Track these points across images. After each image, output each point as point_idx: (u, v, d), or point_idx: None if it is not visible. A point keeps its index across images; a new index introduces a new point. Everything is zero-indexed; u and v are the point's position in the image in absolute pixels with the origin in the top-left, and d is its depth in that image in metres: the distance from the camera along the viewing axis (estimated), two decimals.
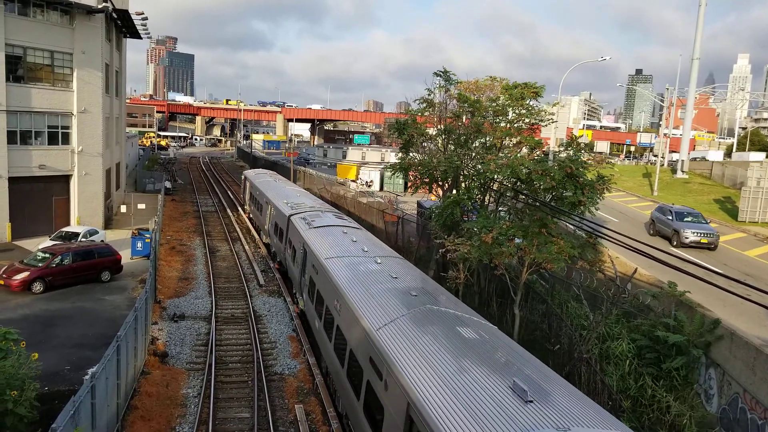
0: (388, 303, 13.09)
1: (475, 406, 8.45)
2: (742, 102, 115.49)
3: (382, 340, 11.24)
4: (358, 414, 12.25)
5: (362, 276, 15.59)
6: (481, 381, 9.21)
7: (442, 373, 9.55)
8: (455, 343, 10.75)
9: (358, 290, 14.42)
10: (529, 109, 22.66)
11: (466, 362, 10.00)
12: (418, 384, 9.40)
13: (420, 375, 9.64)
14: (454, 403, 8.64)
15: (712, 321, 14.65)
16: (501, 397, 8.65)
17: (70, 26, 33.44)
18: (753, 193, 36.05)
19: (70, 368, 17.11)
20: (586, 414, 8.55)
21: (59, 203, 34.60)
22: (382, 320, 12.13)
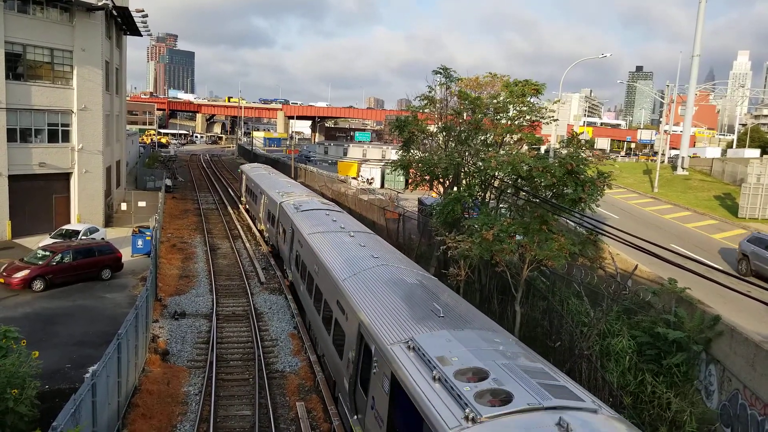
0: (354, 263, 16.67)
1: (400, 319, 12.04)
2: (742, 99, 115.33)
3: (346, 287, 14.84)
4: (329, 346, 15.88)
5: (337, 245, 19.10)
6: (409, 307, 12.84)
7: (383, 303, 13.17)
8: (398, 287, 14.40)
9: (332, 255, 18.00)
10: (529, 106, 22.63)
11: (402, 297, 13.59)
12: (366, 310, 12.95)
13: (368, 306, 13.19)
14: (387, 319, 12.17)
15: (712, 317, 14.66)
16: (420, 315, 12.25)
17: (70, 23, 33.40)
18: (753, 190, 36.02)
19: (71, 366, 17.14)
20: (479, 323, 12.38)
21: (59, 201, 34.60)
22: (348, 274, 15.75)
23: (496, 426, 7.81)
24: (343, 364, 13.89)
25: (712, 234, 31.86)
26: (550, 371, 9.92)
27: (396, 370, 10.24)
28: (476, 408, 8.12)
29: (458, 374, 9.21)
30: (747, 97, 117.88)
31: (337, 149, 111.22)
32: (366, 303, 13.35)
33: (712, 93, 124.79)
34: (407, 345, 10.70)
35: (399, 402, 10.03)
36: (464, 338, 10.85)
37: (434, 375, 9.32)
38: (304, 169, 67.07)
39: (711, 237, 31.11)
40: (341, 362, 14.18)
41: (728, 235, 31.68)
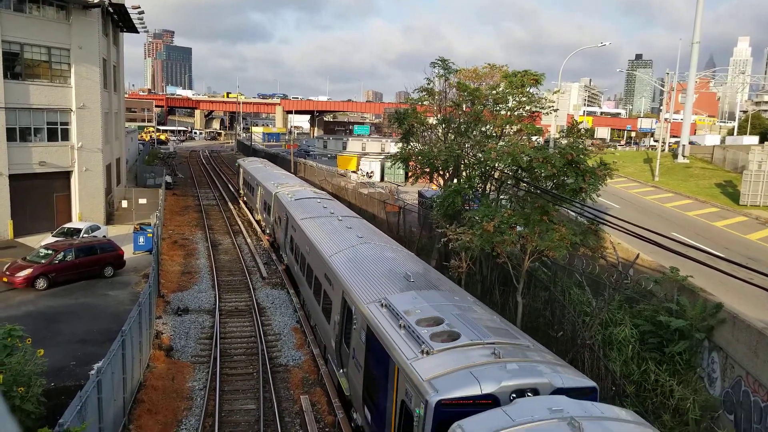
0: (340, 241, 18.73)
1: (376, 285, 14.09)
2: (742, 85, 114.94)
3: (332, 261, 16.94)
4: (319, 315, 17.96)
5: (326, 228, 21.10)
6: (385, 275, 14.91)
7: (363, 273, 15.25)
8: (377, 260, 16.56)
9: (321, 236, 20.01)
10: (529, 96, 22.56)
11: (381, 268, 15.63)
12: (349, 279, 15.05)
13: (351, 275, 15.31)
14: (365, 285, 14.25)
15: (714, 305, 14.67)
16: (394, 281, 14.31)
17: (67, 22, 33.30)
18: (754, 177, 35.97)
19: (76, 364, 17.21)
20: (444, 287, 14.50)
21: (60, 200, 34.62)
22: (335, 251, 17.83)
23: (444, 356, 9.94)
24: (331, 328, 16.00)
25: (713, 222, 31.86)
26: (497, 319, 12.37)
27: (370, 322, 12.31)
28: (430, 344, 10.27)
29: (419, 322, 11.31)
30: (747, 83, 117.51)
31: (336, 143, 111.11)
32: (349, 273, 15.51)
33: (713, 80, 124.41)
34: (380, 303, 12.80)
35: (372, 348, 12.12)
36: (428, 296, 13.03)
37: (400, 323, 11.44)
38: (303, 164, 67.00)
39: (712, 225, 31.11)
40: (329, 326, 16.32)
41: (730, 222, 31.68)
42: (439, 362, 9.76)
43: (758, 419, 12.40)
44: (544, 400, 8.63)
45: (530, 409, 8.14)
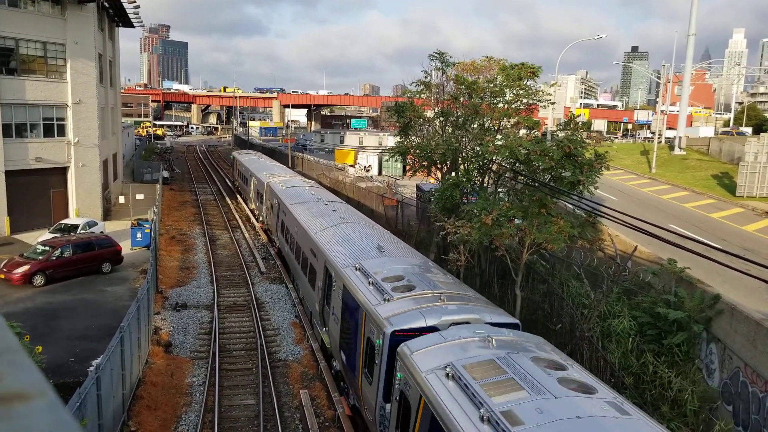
0: (324, 221, 21.30)
1: (353, 254, 16.62)
2: (738, 77, 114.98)
3: (317, 237, 19.58)
4: (306, 285, 20.62)
5: (313, 210, 23.70)
6: (363, 246, 17.53)
7: (342, 245, 17.81)
8: (355, 236, 18.98)
9: (308, 217, 22.54)
10: (526, 89, 22.50)
11: (359, 242, 18.07)
12: (330, 250, 17.66)
13: (332, 247, 17.92)
14: (344, 254, 16.87)
15: (712, 296, 14.71)
16: (368, 251, 16.89)
17: (62, 17, 33.10)
18: (750, 168, 36.00)
19: (75, 360, 17.21)
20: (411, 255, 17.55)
21: (57, 196, 34.51)
22: (320, 228, 20.38)
23: (400, 302, 12.70)
24: (316, 294, 18.69)
25: (710, 213, 31.90)
26: (450, 278, 15.46)
27: (346, 282, 14.97)
28: (391, 294, 13.07)
29: (385, 279, 14.08)
30: (743, 75, 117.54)
31: (333, 137, 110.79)
32: (330, 246, 18.13)
33: (708, 72, 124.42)
34: (355, 267, 15.40)
35: (347, 302, 14.77)
36: (395, 261, 15.92)
37: (369, 281, 14.18)
38: (300, 158, 66.86)
39: (709, 216, 31.15)
40: (314, 293, 18.94)
41: (726, 213, 31.73)
42: (396, 306, 12.49)
43: (756, 410, 12.46)
44: (471, 327, 11.33)
45: (459, 333, 11.05)
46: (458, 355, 10.10)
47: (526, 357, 9.98)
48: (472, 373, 9.43)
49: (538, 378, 9.13)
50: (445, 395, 9.12)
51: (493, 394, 8.77)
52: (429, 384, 9.59)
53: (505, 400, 8.57)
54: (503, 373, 9.37)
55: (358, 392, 13.50)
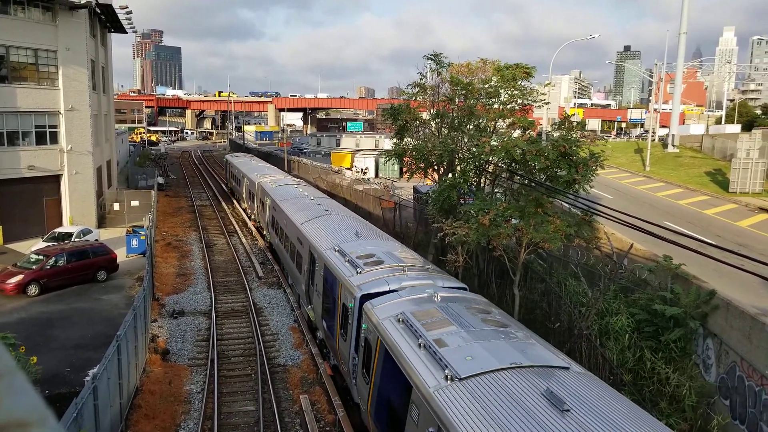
0: (310, 214, 23.44)
1: (333, 239, 18.82)
2: (729, 75, 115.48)
3: (303, 227, 21.72)
4: (293, 270, 22.97)
5: (301, 206, 25.73)
6: (342, 232, 19.78)
7: (325, 232, 20.10)
8: (336, 224, 21.35)
9: (296, 211, 24.72)
10: (521, 90, 22.55)
11: (339, 230, 20.31)
12: (314, 236, 19.98)
13: (315, 234, 20.21)
14: (325, 239, 19.08)
15: (707, 292, 14.75)
16: (346, 236, 19.17)
17: (53, 23, 32.98)
18: (743, 165, 36.14)
19: (71, 370, 17.09)
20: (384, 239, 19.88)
21: (50, 204, 34.32)
22: (306, 219, 22.61)
23: (370, 273, 14.93)
24: (302, 276, 20.92)
25: (704, 210, 32.01)
26: (416, 254, 18.29)
27: (326, 261, 17.23)
28: (362, 267, 15.30)
29: (359, 257, 16.17)
30: (734, 72, 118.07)
31: (329, 140, 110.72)
32: (314, 233, 20.42)
33: (700, 70, 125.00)
34: (334, 249, 17.63)
35: (327, 277, 17.12)
36: (369, 244, 18.07)
37: (345, 258, 16.34)
38: (297, 162, 66.78)
39: (703, 213, 31.26)
40: (301, 276, 21.16)
41: (720, 210, 31.85)
42: (366, 276, 14.80)
43: (753, 403, 12.49)
44: (423, 287, 13.78)
45: (412, 292, 13.46)
46: (408, 307, 12.54)
47: (461, 306, 12.49)
48: (417, 317, 11.89)
49: (467, 318, 11.71)
50: (395, 333, 11.62)
51: (430, 329, 11.23)
52: (384, 327, 12.05)
53: (437, 332, 11.05)
54: (440, 316, 11.92)
55: (336, 350, 15.92)
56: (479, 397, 8.79)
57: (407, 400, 10.23)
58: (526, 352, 10.19)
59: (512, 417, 8.16)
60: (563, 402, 8.33)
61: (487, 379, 9.22)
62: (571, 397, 8.66)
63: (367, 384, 12.77)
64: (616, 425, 7.90)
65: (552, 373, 9.53)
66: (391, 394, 11.46)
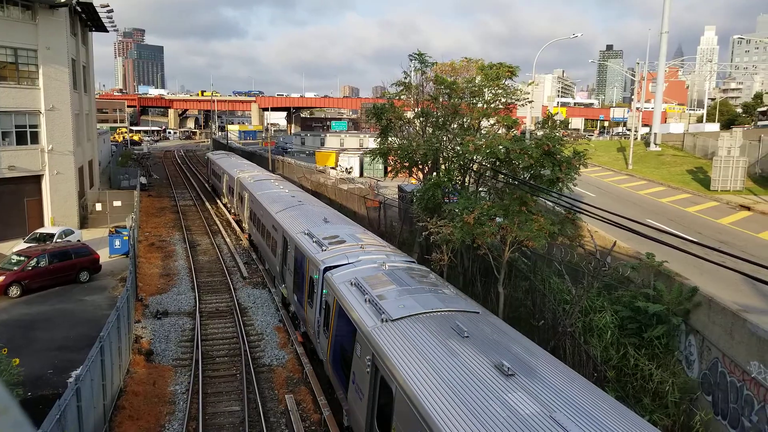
0: (284, 204, 25.96)
1: (304, 224, 21.12)
2: (710, 74, 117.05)
3: (277, 216, 24.09)
4: (269, 255, 25.27)
5: (276, 198, 28.19)
6: (312, 219, 22.15)
7: (297, 218, 22.56)
8: (307, 212, 23.89)
9: (272, 202, 27.06)
10: (504, 88, 22.66)
11: (310, 217, 22.78)
12: (286, 222, 22.49)
13: (287, 220, 22.72)
14: (296, 224, 21.52)
15: (690, 289, 14.94)
16: (315, 221, 21.56)
17: (33, 22, 32.52)
18: (724, 163, 36.65)
19: (53, 372, 16.89)
20: (348, 223, 22.66)
21: (32, 204, 33.87)
22: (280, 209, 25.08)
23: (332, 250, 17.07)
24: (276, 259, 23.25)
25: (686, 207, 32.43)
26: (374, 237, 20.10)
27: (296, 242, 19.59)
28: (327, 245, 17.53)
29: (324, 238, 18.46)
30: (714, 71, 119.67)
31: (314, 139, 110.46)
32: (287, 220, 22.80)
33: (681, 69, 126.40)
34: (304, 232, 19.99)
35: (296, 257, 19.53)
36: (335, 227, 20.43)
37: (313, 239, 18.64)
38: (281, 161, 66.51)
39: (685, 210, 31.66)
40: (275, 258, 23.47)
41: (702, 208, 32.28)
42: (329, 253, 16.92)
43: (735, 399, 12.68)
44: (376, 260, 15.91)
45: (365, 263, 15.67)
46: (360, 274, 14.76)
47: (404, 273, 14.81)
48: (366, 280, 14.13)
49: (406, 280, 14.02)
50: (348, 293, 13.83)
51: (374, 288, 13.50)
52: (340, 289, 14.24)
53: (380, 290, 13.36)
54: (385, 279, 14.19)
55: (305, 318, 18.02)
56: (404, 332, 11.19)
57: (354, 340, 12.58)
58: (446, 302, 12.70)
59: (426, 342, 10.61)
60: (465, 331, 10.80)
61: (412, 319, 11.65)
62: (473, 329, 11.10)
63: (327, 338, 15.17)
64: (500, 345, 10.63)
65: (463, 315, 12.00)
66: (343, 341, 13.78)
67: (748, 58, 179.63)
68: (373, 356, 11.14)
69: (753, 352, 12.18)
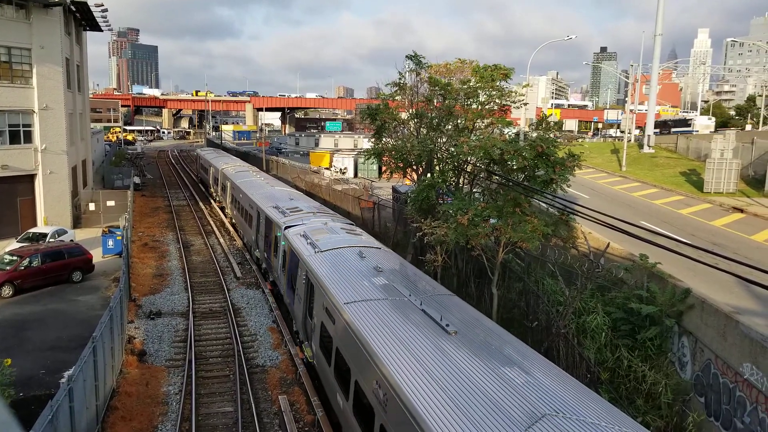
0: (260, 188, 32.06)
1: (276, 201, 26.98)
2: (703, 76, 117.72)
3: (254, 196, 29.58)
4: (247, 229, 30.80)
5: (253, 184, 34.42)
6: (282, 198, 27.81)
7: (269, 198, 27.83)
8: (280, 194, 29.28)
9: (250, 188, 32.61)
10: (499, 90, 22.70)
11: (280, 196, 28.35)
12: (262, 202, 27.24)
13: (263, 200, 27.77)
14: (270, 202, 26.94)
15: (683, 291, 14.99)
16: (285, 200, 27.27)
17: (27, 21, 32.36)
18: (717, 165, 36.85)
19: (46, 372, 16.80)
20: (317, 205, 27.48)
21: (25, 204, 33.68)
22: (255, 191, 31.02)
23: (291, 216, 22.98)
24: (253, 231, 28.62)
25: (679, 209, 32.57)
26: (329, 210, 26.02)
27: (267, 214, 25.05)
28: (288, 213, 23.65)
29: (288, 209, 24.35)
30: (708, 74, 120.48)
31: (308, 140, 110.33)
32: (261, 199, 28.52)
33: (675, 71, 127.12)
34: (272, 206, 25.42)
35: (267, 224, 24.89)
36: (296, 202, 26.77)
37: (279, 210, 24.48)
38: (275, 161, 66.41)
39: (678, 212, 31.80)
40: (251, 230, 29.28)
41: (695, 209, 32.43)
42: (289, 217, 22.80)
43: (727, 400, 12.74)
44: (321, 221, 21.77)
45: (314, 223, 21.19)
46: (308, 228, 20.27)
47: (338, 227, 20.75)
48: (310, 232, 19.58)
49: (337, 231, 19.91)
50: (297, 240, 19.20)
51: (314, 235, 18.98)
52: (293, 239, 19.63)
53: (318, 236, 18.88)
54: (324, 230, 19.87)
55: (272, 265, 23.74)
56: (327, 257, 16.72)
57: (298, 267, 17.90)
58: (360, 242, 18.43)
59: (339, 262, 16.10)
60: (366, 257, 16.35)
61: (334, 251, 17.27)
62: (373, 257, 16.62)
63: (284, 274, 20.47)
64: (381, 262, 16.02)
65: (368, 249, 17.49)
66: (292, 272, 18.89)
67: (741, 60, 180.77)
68: (307, 273, 16.64)
69: (745, 353, 12.24)
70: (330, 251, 17.09)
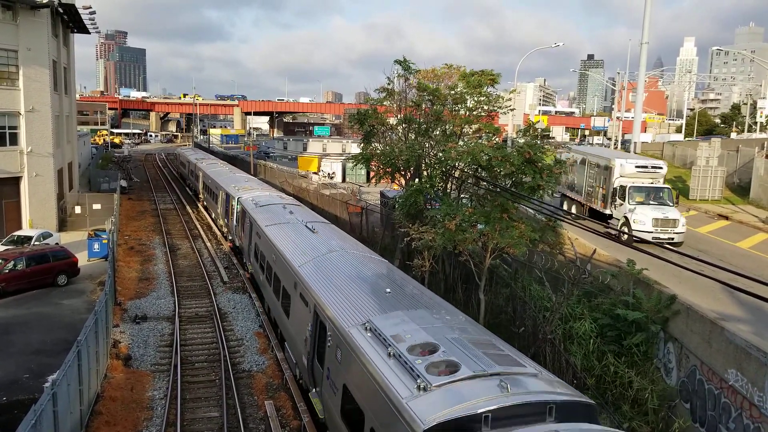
0: (224, 174, 41.50)
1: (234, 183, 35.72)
2: (689, 84, 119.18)
3: (218, 180, 39.33)
4: (215, 206, 38.58)
5: (227, 178, 39.05)
6: (241, 181, 37.46)
7: (230, 182, 36.48)
8: (241, 181, 36.73)
9: (225, 181, 36.94)
10: (487, 96, 22.84)
11: (243, 183, 35.59)
12: (225, 186, 35.48)
13: (226, 185, 35.44)
14: (232, 186, 34.45)
15: (668, 297, 15.10)
16: (242, 183, 35.97)
17: (14, 22, 32.09)
18: (703, 172, 37.25)
19: (30, 376, 16.60)
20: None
21: (9, 206, 33.32)
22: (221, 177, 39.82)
23: (244, 191, 32.49)
24: (220, 208, 35.68)
25: None
26: (272, 188, 37.34)
27: (227, 192, 33.37)
28: (242, 189, 33.11)
29: (241, 188, 33.05)
30: (694, 82, 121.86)
31: (296, 144, 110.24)
32: (226, 185, 35.01)
33: (661, 79, 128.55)
34: (231, 186, 34.00)
35: (227, 199, 33.44)
36: (249, 182, 35.97)
37: (236, 188, 33.10)
38: (263, 166, 66.23)
39: None
40: (219, 207, 36.17)
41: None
42: (242, 192, 31.18)
43: (712, 406, 12.84)
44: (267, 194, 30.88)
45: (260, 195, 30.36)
46: (254, 197, 27.46)
47: (276, 198, 28.78)
48: (254, 198, 28.12)
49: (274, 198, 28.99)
50: (252, 208, 26.21)
51: (258, 200, 27.49)
52: (249, 206, 26.61)
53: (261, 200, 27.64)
54: (265, 197, 28.14)
55: (231, 227, 31.81)
56: (264, 210, 25.08)
57: (247, 220, 25.78)
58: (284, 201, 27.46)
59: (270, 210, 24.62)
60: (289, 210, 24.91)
61: (269, 206, 25.77)
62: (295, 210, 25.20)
63: (240, 230, 27.87)
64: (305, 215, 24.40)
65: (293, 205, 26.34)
66: (243, 226, 26.58)
67: (727, 69, 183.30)
68: (251, 222, 24.63)
69: (731, 360, 12.34)
70: (267, 206, 26.33)
